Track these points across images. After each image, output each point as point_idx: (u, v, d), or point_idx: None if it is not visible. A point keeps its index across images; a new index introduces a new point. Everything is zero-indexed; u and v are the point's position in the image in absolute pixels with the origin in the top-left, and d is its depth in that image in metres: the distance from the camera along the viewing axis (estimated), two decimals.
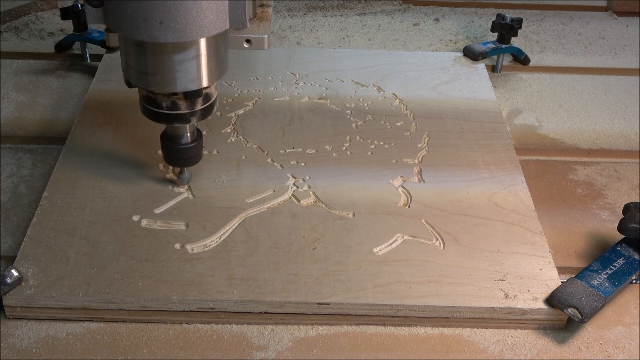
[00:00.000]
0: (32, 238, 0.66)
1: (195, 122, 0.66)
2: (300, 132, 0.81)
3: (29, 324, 0.61)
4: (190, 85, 0.62)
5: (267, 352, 0.60)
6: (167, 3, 0.55)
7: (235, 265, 0.64)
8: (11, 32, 1.03)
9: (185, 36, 0.57)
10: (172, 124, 0.66)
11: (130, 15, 0.56)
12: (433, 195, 0.73)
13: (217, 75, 0.64)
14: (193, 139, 0.69)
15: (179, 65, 0.61)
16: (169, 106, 0.64)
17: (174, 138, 0.68)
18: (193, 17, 0.56)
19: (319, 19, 1.10)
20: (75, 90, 0.91)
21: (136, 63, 0.62)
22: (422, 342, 0.62)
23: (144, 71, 0.61)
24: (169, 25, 0.56)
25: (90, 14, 0.58)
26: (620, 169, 0.83)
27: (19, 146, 0.82)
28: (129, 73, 0.63)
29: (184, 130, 0.68)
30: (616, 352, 0.61)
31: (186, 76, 0.61)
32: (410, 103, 0.87)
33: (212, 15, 0.57)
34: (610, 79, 0.99)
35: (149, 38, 0.57)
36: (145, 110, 0.66)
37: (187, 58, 0.60)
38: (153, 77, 0.61)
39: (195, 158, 0.70)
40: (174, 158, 0.69)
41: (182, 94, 0.63)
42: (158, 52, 0.60)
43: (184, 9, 0.56)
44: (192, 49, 0.60)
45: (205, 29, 0.58)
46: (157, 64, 0.61)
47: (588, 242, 0.72)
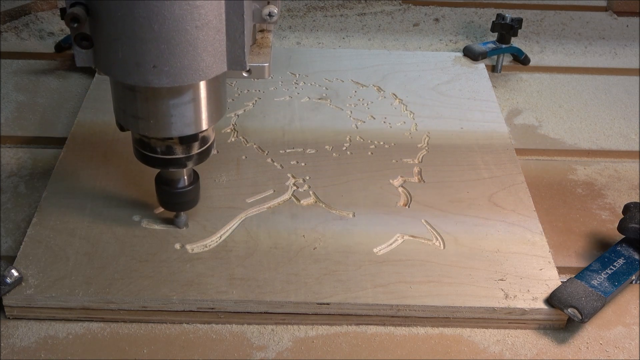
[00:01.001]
0: (32, 238, 0.66)
1: (192, 166, 0.63)
2: (300, 132, 0.81)
3: (29, 324, 0.61)
4: (187, 130, 0.59)
5: (267, 352, 0.60)
6: (161, 46, 0.52)
7: (235, 265, 0.64)
8: (11, 32, 1.03)
9: (181, 80, 0.54)
10: (167, 169, 0.63)
11: (122, 59, 0.53)
12: (433, 195, 0.73)
13: (215, 117, 0.60)
14: (190, 182, 0.65)
15: (174, 110, 0.57)
16: (164, 151, 0.61)
17: (169, 182, 0.65)
18: (188, 60, 0.53)
19: (319, 19, 1.10)
20: (75, 90, 0.91)
21: (128, 107, 0.58)
22: (422, 342, 0.62)
23: (136, 115, 0.58)
24: (162, 69, 0.53)
25: (79, 56, 0.54)
26: (620, 169, 0.83)
27: (19, 146, 0.82)
28: (121, 116, 0.60)
29: (180, 174, 0.64)
30: (616, 352, 0.61)
31: (182, 120, 0.58)
32: (410, 103, 0.87)
33: (208, 57, 0.54)
34: (610, 79, 0.99)
35: (141, 83, 0.54)
36: (138, 154, 0.62)
37: (183, 102, 0.57)
38: (146, 122, 0.58)
39: (193, 202, 0.67)
40: (170, 203, 0.66)
41: (178, 138, 0.60)
42: (151, 96, 0.57)
43: (178, 52, 0.52)
44: (187, 93, 0.57)
45: (202, 72, 0.54)
46: (150, 109, 0.57)
47: (588, 242, 0.72)
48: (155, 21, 0.51)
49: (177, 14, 0.51)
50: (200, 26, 0.52)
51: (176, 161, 0.62)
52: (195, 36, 0.52)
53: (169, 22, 0.51)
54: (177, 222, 0.67)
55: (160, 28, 0.51)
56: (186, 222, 0.67)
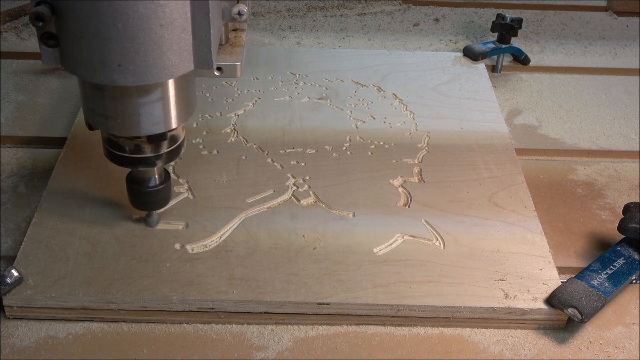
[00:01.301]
0: (32, 238, 0.66)
1: (161, 165, 0.62)
2: (300, 132, 0.81)
3: (29, 324, 0.61)
4: (155, 129, 0.58)
5: (267, 352, 0.60)
6: (126, 45, 0.51)
7: (235, 265, 0.64)
8: (11, 32, 1.03)
9: (146, 79, 0.53)
10: (136, 168, 0.63)
11: (87, 58, 0.52)
12: (433, 195, 0.73)
13: (184, 116, 0.60)
14: (161, 181, 0.65)
15: (142, 109, 0.57)
16: (133, 150, 0.60)
17: (140, 181, 0.64)
18: (154, 59, 0.52)
19: (319, 19, 1.10)
20: (75, 90, 0.91)
21: (96, 106, 0.58)
22: (422, 342, 0.62)
23: (104, 114, 0.58)
24: (127, 67, 0.52)
25: (45, 55, 0.54)
26: (620, 169, 0.83)
27: (19, 146, 0.82)
28: (89, 115, 0.59)
29: (151, 173, 0.64)
30: (616, 352, 0.61)
31: (150, 119, 0.58)
32: (410, 103, 0.87)
33: (174, 56, 0.53)
34: (610, 79, 0.99)
35: (107, 81, 0.53)
36: (107, 153, 0.62)
37: (151, 101, 0.57)
38: (114, 121, 0.58)
39: (164, 201, 0.66)
40: (140, 202, 0.65)
41: (146, 137, 0.59)
42: (119, 95, 0.56)
43: (143, 51, 0.52)
44: (155, 92, 0.56)
45: (168, 71, 0.54)
46: (118, 107, 0.57)
47: (588, 242, 0.72)
48: (119, 20, 0.50)
49: (141, 12, 0.50)
50: (165, 25, 0.52)
51: (145, 160, 0.61)
52: (160, 35, 0.52)
53: (133, 21, 0.51)
54: (149, 222, 0.67)
55: (125, 27, 0.51)
56: (158, 221, 0.67)
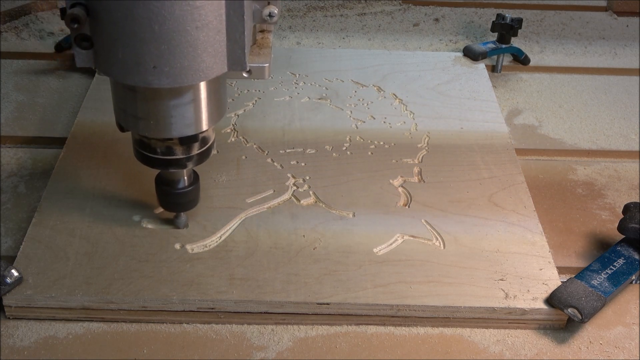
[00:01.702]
0: (32, 238, 0.66)
1: (192, 166, 0.63)
2: (300, 132, 0.81)
3: (29, 324, 0.61)
4: (187, 131, 0.59)
5: (267, 352, 0.60)
6: (161, 47, 0.51)
7: (235, 265, 0.64)
8: (11, 32, 1.03)
9: (181, 81, 0.53)
10: (167, 169, 0.63)
11: (122, 59, 0.52)
12: (433, 195, 0.73)
13: (215, 118, 0.60)
14: (190, 183, 0.65)
15: (174, 110, 0.57)
16: (164, 151, 0.61)
17: (169, 183, 0.64)
18: (189, 61, 0.53)
19: (319, 19, 1.10)
20: (75, 90, 0.91)
21: (128, 107, 0.58)
22: (422, 342, 0.62)
23: (136, 115, 0.58)
24: (162, 69, 0.52)
25: (79, 57, 0.54)
26: (620, 169, 0.83)
27: (19, 146, 0.82)
28: (121, 116, 0.60)
29: (180, 175, 0.64)
30: (616, 352, 0.61)
31: (182, 121, 0.58)
32: (410, 103, 0.87)
33: (209, 58, 0.53)
34: (610, 79, 0.99)
35: (142, 83, 0.53)
36: (138, 154, 0.62)
37: (183, 103, 0.57)
38: (146, 122, 0.58)
39: (193, 202, 0.66)
40: (170, 203, 0.66)
41: (178, 139, 0.60)
42: (151, 96, 0.56)
43: (179, 53, 0.52)
44: (188, 94, 0.57)
45: (202, 73, 0.54)
46: (150, 109, 0.57)
47: (588, 242, 0.72)
48: (155, 22, 0.50)
49: (177, 14, 0.50)
50: (201, 27, 0.52)
51: (176, 162, 0.61)
52: (196, 37, 0.52)
53: (169, 23, 0.51)
54: (177, 223, 0.67)
55: (161, 29, 0.51)
56: (186, 222, 0.67)
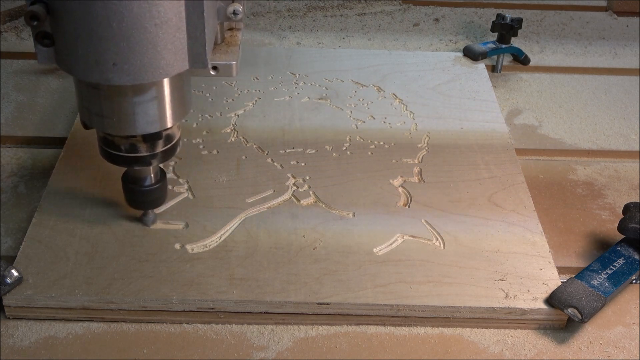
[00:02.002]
0: (32, 238, 0.66)
1: (157, 164, 0.63)
2: (300, 132, 0.81)
3: (29, 324, 0.61)
4: (150, 128, 0.58)
5: (267, 352, 0.60)
6: (120, 44, 0.51)
7: (235, 265, 0.64)
8: (11, 32, 1.03)
9: (141, 78, 0.53)
10: (131, 167, 0.63)
11: (82, 57, 0.52)
12: (433, 195, 0.73)
13: (179, 115, 0.60)
14: (157, 180, 0.65)
15: (137, 108, 0.57)
16: (128, 149, 0.60)
17: (135, 180, 0.64)
18: (149, 58, 0.52)
19: (319, 19, 1.10)
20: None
21: (91, 105, 0.58)
22: (422, 342, 0.62)
23: (99, 113, 0.58)
24: (122, 67, 0.52)
25: (41, 54, 0.54)
26: (620, 169, 0.83)
27: (19, 146, 0.82)
28: (85, 114, 0.59)
29: (147, 172, 0.64)
30: (616, 352, 0.61)
31: (145, 118, 0.58)
32: (410, 103, 0.87)
33: (169, 55, 0.53)
34: (610, 79, 0.99)
35: (102, 80, 0.53)
36: (103, 152, 0.62)
37: (146, 100, 0.57)
38: (109, 120, 0.58)
39: (159, 200, 0.66)
40: (136, 201, 0.66)
41: (142, 136, 0.60)
42: (114, 94, 0.56)
43: (138, 50, 0.52)
44: (150, 91, 0.56)
45: (162, 70, 0.54)
46: (113, 106, 0.57)
47: (588, 242, 0.72)
48: (113, 19, 0.50)
49: (136, 12, 0.50)
50: (160, 24, 0.52)
51: (141, 159, 0.61)
52: (155, 34, 0.52)
53: (127, 20, 0.51)
54: (144, 221, 0.67)
55: (119, 26, 0.51)
56: (154, 220, 0.67)
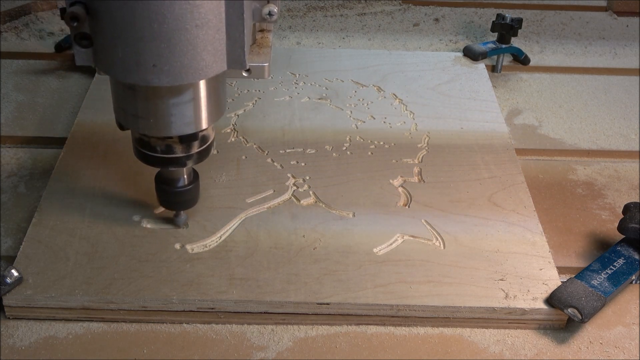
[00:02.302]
0: (32, 238, 0.66)
1: (192, 165, 0.63)
2: (300, 132, 0.81)
3: (29, 324, 0.61)
4: (187, 129, 0.59)
5: (267, 352, 0.60)
6: (161, 45, 0.51)
7: (235, 265, 0.64)
8: (11, 32, 1.03)
9: (180, 79, 0.54)
10: (166, 168, 0.63)
11: (121, 58, 0.52)
12: (433, 195, 0.73)
13: (215, 116, 0.60)
14: (190, 181, 0.65)
15: (174, 109, 0.57)
16: (164, 150, 0.61)
17: (169, 181, 0.65)
18: (188, 59, 0.53)
19: (319, 19, 1.10)
20: (75, 90, 0.91)
21: (128, 106, 0.58)
22: (422, 342, 0.62)
23: (136, 114, 0.58)
24: (162, 68, 0.53)
25: (79, 55, 0.54)
26: (620, 169, 0.83)
27: (19, 146, 0.82)
28: (121, 115, 0.60)
29: (180, 173, 0.64)
30: (616, 352, 0.61)
31: (182, 120, 0.58)
32: (410, 103, 0.87)
33: (208, 57, 0.54)
34: (610, 79, 0.99)
35: (141, 82, 0.54)
36: (138, 153, 0.62)
37: (183, 101, 0.57)
38: (146, 121, 0.58)
39: (192, 201, 0.67)
40: (169, 202, 0.66)
41: (178, 137, 0.60)
42: (151, 95, 0.57)
43: (178, 51, 0.52)
44: (188, 92, 0.57)
45: (202, 71, 0.54)
46: (150, 108, 0.57)
47: (588, 242, 0.72)
48: (155, 20, 0.50)
49: (177, 13, 0.51)
50: (200, 25, 0.52)
51: (176, 160, 0.62)
52: (195, 35, 0.52)
53: (168, 22, 0.51)
54: (176, 221, 0.67)
55: (160, 27, 0.51)
56: (186, 221, 0.67)
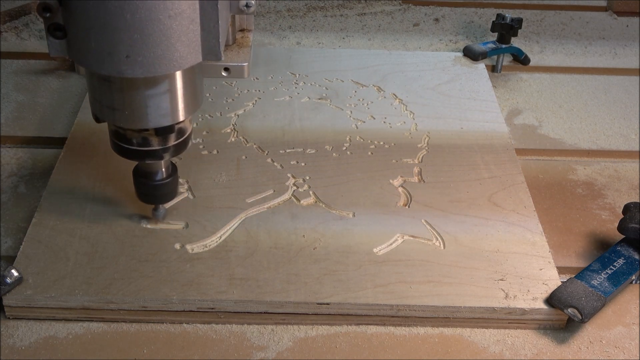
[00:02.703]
0: (32, 238, 0.66)
1: (169, 158, 0.62)
2: (300, 132, 0.81)
3: (29, 324, 0.61)
4: (163, 121, 0.58)
5: (267, 352, 0.60)
6: (134, 36, 0.51)
7: (235, 265, 0.64)
8: (11, 32, 1.03)
9: (154, 70, 0.53)
10: (143, 161, 0.62)
11: (95, 49, 0.52)
12: (433, 195, 0.73)
13: (191, 108, 0.60)
14: (168, 175, 0.64)
15: (149, 101, 0.56)
16: (140, 142, 0.60)
17: (147, 174, 0.64)
18: (162, 50, 0.52)
19: (319, 19, 1.10)
20: (75, 90, 0.91)
21: (103, 97, 0.57)
22: (422, 342, 0.62)
23: (111, 106, 0.57)
24: (136, 59, 0.52)
25: (53, 46, 0.54)
26: (620, 169, 0.83)
27: (19, 146, 0.82)
28: (96, 107, 0.59)
29: (158, 167, 0.63)
30: (616, 352, 0.61)
31: (157, 111, 0.57)
32: (410, 103, 0.87)
33: (183, 48, 0.53)
34: (610, 79, 0.99)
35: (115, 73, 0.53)
36: (115, 146, 0.62)
37: (158, 93, 0.56)
38: (121, 113, 0.57)
39: (171, 194, 0.66)
40: (147, 195, 0.65)
41: (154, 130, 0.59)
42: (126, 86, 0.56)
43: (152, 42, 0.51)
44: (163, 83, 0.56)
45: (176, 62, 0.53)
46: (125, 99, 0.56)
47: (588, 242, 0.72)
48: (127, 10, 0.50)
49: (150, 3, 0.50)
50: (174, 16, 0.51)
51: (153, 153, 0.61)
52: (169, 26, 0.51)
53: (141, 11, 0.50)
54: (155, 215, 0.67)
55: (133, 17, 0.50)
56: (165, 214, 0.67)
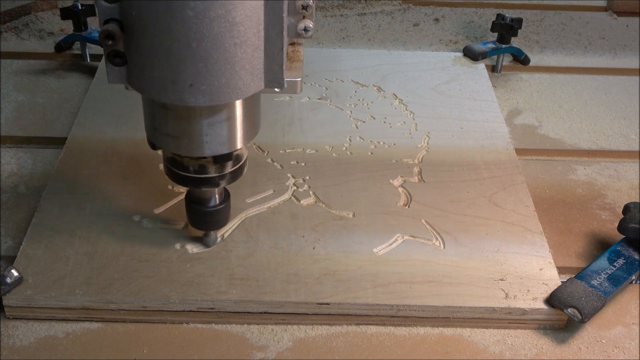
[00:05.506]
0: (32, 238, 0.66)
1: (224, 185, 0.61)
2: (300, 132, 0.81)
3: (29, 324, 0.61)
4: (221, 149, 0.57)
5: (267, 352, 0.60)
6: (198, 65, 0.50)
7: (235, 265, 0.64)
8: (11, 32, 1.03)
9: (218, 99, 0.52)
10: (199, 188, 0.61)
11: (157, 77, 0.51)
12: (433, 195, 0.73)
13: (250, 136, 0.59)
14: (221, 201, 0.63)
15: (209, 129, 0.55)
16: (197, 170, 0.59)
17: (200, 201, 0.63)
18: (226, 78, 0.51)
19: (319, 19, 1.10)
20: (75, 90, 0.91)
21: (161, 125, 0.56)
22: (422, 342, 0.62)
23: (169, 134, 0.56)
24: (199, 87, 0.51)
25: (112, 74, 0.53)
26: (620, 169, 0.83)
27: (19, 146, 0.82)
28: (153, 134, 0.58)
29: (212, 193, 0.62)
30: (616, 352, 0.61)
31: (216, 139, 0.56)
32: (410, 103, 0.87)
33: (246, 76, 0.52)
34: (610, 79, 0.99)
35: (178, 101, 0.52)
36: (170, 172, 0.60)
37: (218, 121, 0.55)
38: (180, 141, 0.56)
39: (223, 221, 0.65)
40: (200, 221, 0.64)
41: (212, 157, 0.58)
42: (185, 115, 0.55)
43: (216, 70, 0.50)
44: (223, 111, 0.55)
45: (239, 90, 0.52)
46: (184, 127, 0.55)
47: (588, 242, 0.72)
48: (193, 39, 0.49)
49: (216, 31, 0.49)
50: (239, 44, 0.50)
51: (209, 180, 0.60)
52: (234, 54, 0.50)
53: (207, 40, 0.49)
54: (206, 241, 0.66)
55: (199, 46, 0.49)
56: (216, 240, 0.66)
